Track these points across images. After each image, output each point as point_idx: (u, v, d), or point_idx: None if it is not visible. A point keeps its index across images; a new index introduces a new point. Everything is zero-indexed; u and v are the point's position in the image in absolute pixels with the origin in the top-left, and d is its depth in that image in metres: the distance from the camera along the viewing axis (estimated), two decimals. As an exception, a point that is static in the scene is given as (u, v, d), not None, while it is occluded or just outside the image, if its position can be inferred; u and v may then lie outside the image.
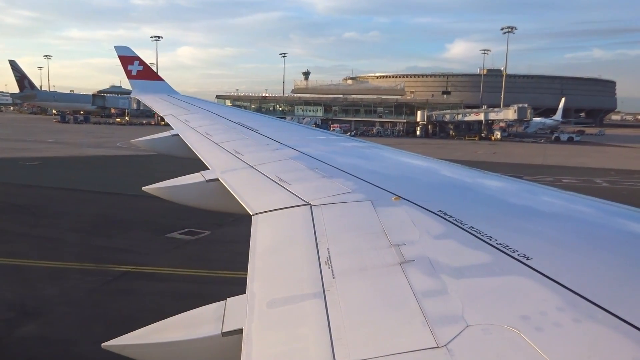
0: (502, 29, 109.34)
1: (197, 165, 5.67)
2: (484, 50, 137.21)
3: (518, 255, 2.16)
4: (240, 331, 2.04)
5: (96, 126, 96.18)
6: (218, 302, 2.39)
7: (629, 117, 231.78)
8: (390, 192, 3.42)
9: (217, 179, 4.73)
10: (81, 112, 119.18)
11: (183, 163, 7.08)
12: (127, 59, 15.27)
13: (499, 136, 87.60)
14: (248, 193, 4.08)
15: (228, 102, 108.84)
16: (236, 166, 5.15)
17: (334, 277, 2.25)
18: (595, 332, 1.57)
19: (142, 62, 15.29)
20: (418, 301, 1.89)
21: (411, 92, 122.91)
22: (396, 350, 1.62)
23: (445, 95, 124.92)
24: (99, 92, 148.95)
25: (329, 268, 2.36)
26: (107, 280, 14.03)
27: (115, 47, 15.52)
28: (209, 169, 5.25)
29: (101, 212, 21.96)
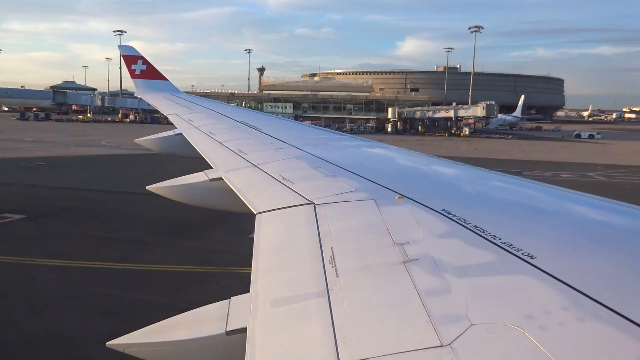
0: (470, 28, 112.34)
1: (201, 164, 5.68)
2: (448, 48, 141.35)
3: (522, 254, 2.16)
4: (244, 330, 2.04)
5: (61, 124, 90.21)
6: (222, 301, 2.40)
7: (573, 114, 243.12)
8: (394, 191, 3.41)
9: (220, 178, 4.74)
10: (34, 109, 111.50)
11: (187, 162, 7.09)
12: (131, 58, 15.31)
13: (467, 132, 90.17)
14: (252, 192, 4.08)
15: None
16: (240, 165, 5.15)
17: (337, 276, 2.25)
18: (600, 331, 1.56)
19: (145, 62, 15.32)
20: (422, 300, 1.89)
21: (380, 89, 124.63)
22: (400, 349, 1.62)
23: (413, 93, 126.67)
24: (53, 87, 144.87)
25: (332, 267, 2.36)
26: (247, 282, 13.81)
27: (119, 46, 15.59)
28: (212, 168, 5.26)
29: (157, 212, 20.54)
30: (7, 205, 21.74)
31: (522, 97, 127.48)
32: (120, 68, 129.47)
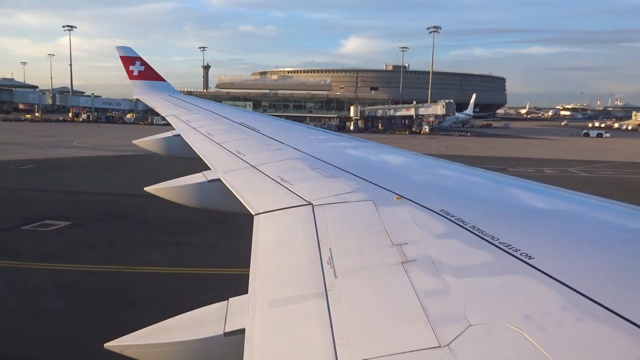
0: (428, 28, 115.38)
1: (200, 165, 5.68)
2: (403, 47, 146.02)
3: (520, 254, 2.16)
4: (242, 331, 2.04)
5: (10, 124, 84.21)
6: (220, 302, 2.39)
7: (511, 111, 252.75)
8: (392, 192, 3.41)
9: (219, 179, 4.73)
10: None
11: (186, 163, 7.09)
12: (129, 59, 15.29)
13: (427, 130, 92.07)
14: (250, 193, 4.08)
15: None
16: (238, 166, 5.15)
17: (336, 277, 2.25)
18: (598, 331, 1.56)
19: (143, 63, 15.31)
20: (420, 301, 1.89)
21: (340, 88, 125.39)
22: (398, 349, 1.62)
23: (373, 91, 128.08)
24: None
25: (331, 268, 2.36)
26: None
27: (117, 47, 15.54)
28: (210, 169, 5.26)
29: (207, 216, 18.36)
30: (41, 212, 21.12)
31: (474, 95, 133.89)
32: (71, 65, 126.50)
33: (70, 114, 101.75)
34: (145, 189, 5.27)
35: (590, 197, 3.43)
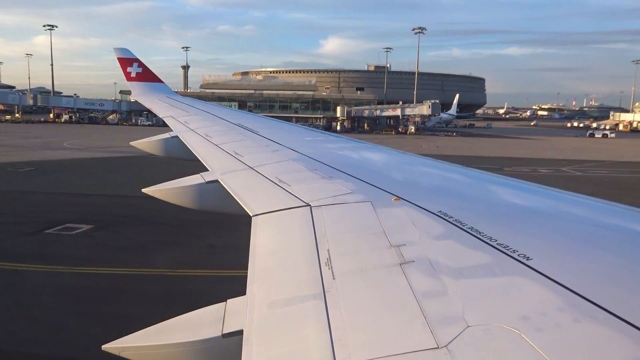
0: (414, 29, 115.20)
1: (198, 166, 5.67)
2: (387, 48, 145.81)
3: (518, 255, 2.16)
4: (240, 332, 2.04)
5: None
6: (218, 304, 2.39)
7: (490, 111, 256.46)
8: (390, 193, 3.41)
9: (216, 181, 4.73)
10: None
11: (184, 164, 7.08)
12: (127, 61, 15.28)
13: (413, 130, 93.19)
14: (248, 194, 4.08)
15: (131, 98, 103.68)
16: (236, 167, 5.15)
17: (334, 278, 2.25)
18: (596, 332, 1.57)
19: (141, 64, 15.30)
20: (418, 302, 1.89)
21: (326, 88, 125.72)
22: (397, 351, 1.61)
23: (359, 92, 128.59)
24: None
25: (329, 269, 2.36)
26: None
27: (114, 49, 15.53)
28: (208, 170, 5.26)
29: (226, 218, 19.25)
30: (57, 215, 20.96)
31: (457, 95, 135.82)
32: (52, 65, 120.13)
33: (51, 115, 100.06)
34: (143, 190, 5.26)
35: (588, 198, 3.43)
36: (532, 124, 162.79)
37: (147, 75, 15.37)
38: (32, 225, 19.46)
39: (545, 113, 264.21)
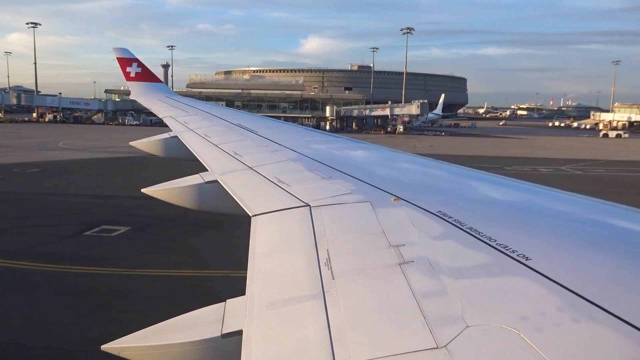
0: (402, 29, 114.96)
1: (197, 166, 5.67)
2: (373, 48, 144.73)
3: (517, 255, 2.16)
4: (239, 333, 2.04)
5: None
6: (217, 304, 2.39)
7: (470, 111, 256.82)
8: (390, 193, 3.41)
9: (216, 181, 4.73)
10: None
11: (184, 164, 7.07)
12: (126, 60, 15.28)
13: (401, 130, 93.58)
14: (247, 194, 4.08)
15: (116, 97, 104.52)
16: (235, 168, 5.14)
17: (333, 278, 2.25)
18: (595, 332, 1.57)
19: (140, 64, 15.31)
20: (417, 302, 1.89)
21: (314, 88, 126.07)
22: (396, 351, 1.61)
23: (347, 92, 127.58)
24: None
25: (328, 269, 2.36)
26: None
27: (114, 49, 15.53)
28: (208, 170, 5.25)
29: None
30: (89, 217, 20.71)
31: (443, 95, 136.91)
32: (35, 64, 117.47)
33: (34, 114, 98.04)
34: (143, 190, 5.26)
35: (587, 198, 3.44)
36: (500, 123, 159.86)
37: (146, 75, 15.37)
38: (69, 228, 19.22)
39: (524, 113, 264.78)
